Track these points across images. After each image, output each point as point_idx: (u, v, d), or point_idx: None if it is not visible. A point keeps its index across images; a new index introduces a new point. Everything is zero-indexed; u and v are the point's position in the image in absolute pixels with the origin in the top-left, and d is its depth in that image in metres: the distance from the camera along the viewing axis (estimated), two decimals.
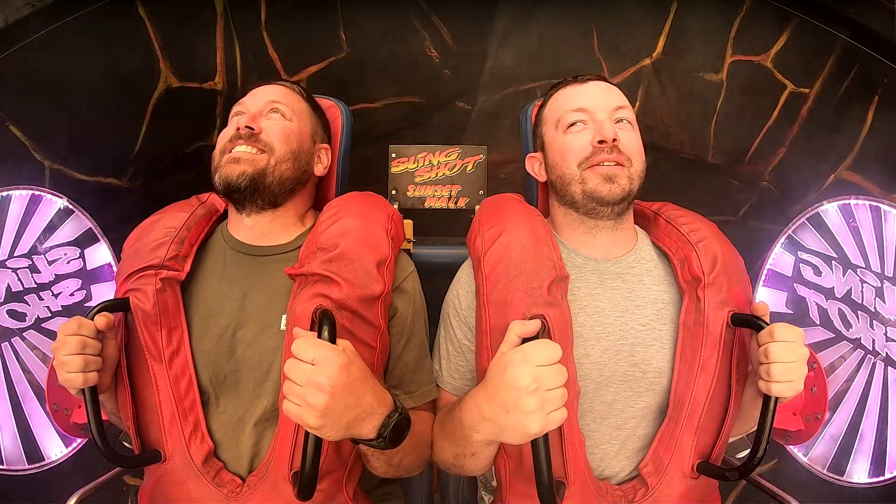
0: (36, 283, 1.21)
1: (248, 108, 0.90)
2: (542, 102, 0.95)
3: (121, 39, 1.37)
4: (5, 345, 1.21)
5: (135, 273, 0.82)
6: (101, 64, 1.34)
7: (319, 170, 0.96)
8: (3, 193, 1.21)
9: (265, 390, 0.81)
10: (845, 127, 1.43)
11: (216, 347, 0.82)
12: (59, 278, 1.23)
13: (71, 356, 0.73)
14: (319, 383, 0.62)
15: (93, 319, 0.75)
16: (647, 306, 0.83)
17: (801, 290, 1.27)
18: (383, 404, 0.68)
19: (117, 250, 1.25)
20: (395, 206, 1.26)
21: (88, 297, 1.25)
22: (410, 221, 1.14)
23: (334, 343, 0.66)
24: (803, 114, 1.51)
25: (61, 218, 1.24)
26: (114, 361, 0.80)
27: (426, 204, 1.29)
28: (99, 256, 1.27)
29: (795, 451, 1.23)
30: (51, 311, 1.23)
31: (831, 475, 1.21)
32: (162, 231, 0.86)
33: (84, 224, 1.26)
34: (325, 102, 1.04)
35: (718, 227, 0.90)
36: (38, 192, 1.23)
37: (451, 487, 1.14)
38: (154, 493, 0.82)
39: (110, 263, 1.28)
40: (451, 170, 1.28)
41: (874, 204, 1.21)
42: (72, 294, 1.24)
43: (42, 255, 1.21)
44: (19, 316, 1.21)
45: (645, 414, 0.82)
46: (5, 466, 1.19)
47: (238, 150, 0.85)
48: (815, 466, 1.22)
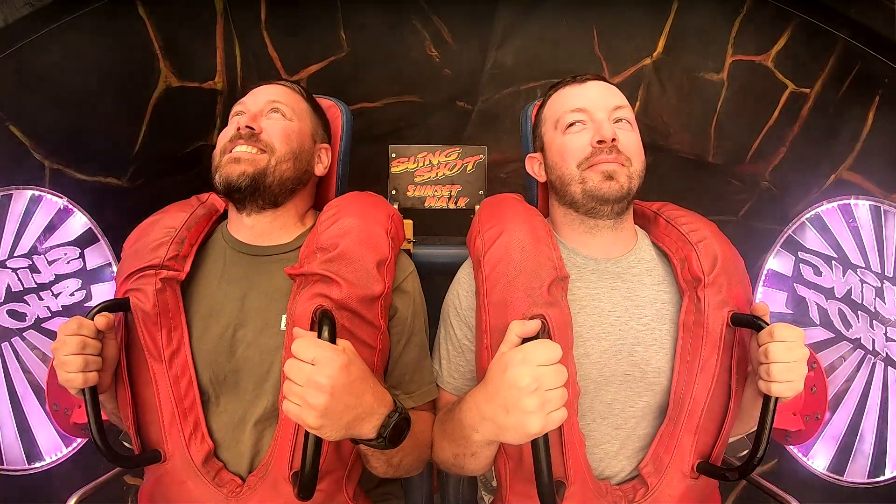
0: (36, 283, 1.21)
1: (249, 108, 0.90)
2: (542, 103, 0.95)
3: (121, 39, 1.36)
4: (5, 345, 1.21)
5: (135, 273, 0.82)
6: (101, 64, 1.33)
7: (320, 170, 0.96)
8: (3, 193, 1.21)
9: (265, 390, 0.81)
10: (846, 127, 1.43)
11: (216, 347, 0.82)
12: (59, 278, 1.23)
13: (71, 356, 0.73)
14: (319, 383, 0.62)
15: (93, 319, 0.75)
16: (646, 306, 0.83)
17: (801, 290, 1.27)
18: (383, 404, 0.69)
19: (117, 250, 1.25)
20: (395, 206, 1.26)
21: (88, 297, 1.25)
22: (410, 221, 1.14)
23: (334, 343, 0.66)
24: (804, 114, 1.51)
25: (61, 218, 1.24)
26: (114, 361, 0.80)
27: (426, 204, 1.29)
28: (99, 256, 1.27)
29: (795, 451, 1.23)
30: (51, 311, 1.23)
31: (831, 475, 1.20)
32: (162, 231, 0.86)
33: (84, 224, 1.26)
34: (325, 102, 1.04)
35: (718, 227, 0.90)
36: (38, 192, 1.23)
37: (451, 487, 1.14)
38: (154, 493, 0.82)
39: (110, 263, 1.28)
40: (451, 170, 1.28)
41: (874, 204, 1.21)
42: (72, 294, 1.24)
43: (42, 255, 1.21)
44: (19, 316, 1.21)
45: (645, 414, 0.82)
46: (5, 466, 1.19)
47: (238, 149, 0.85)
48: (815, 466, 1.22)
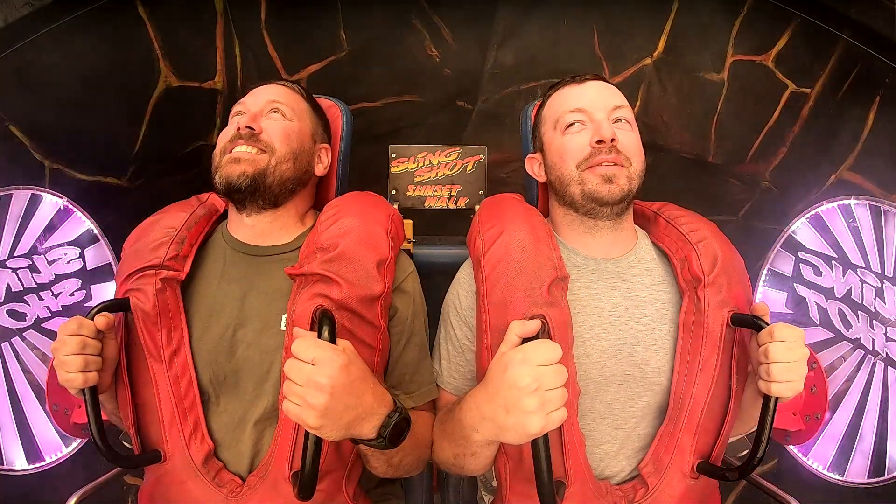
0: (36, 283, 1.21)
1: (249, 108, 0.90)
2: (541, 103, 0.95)
3: (121, 39, 1.36)
4: (5, 345, 1.21)
5: (135, 273, 0.82)
6: (101, 63, 1.33)
7: (320, 170, 0.96)
8: (3, 193, 1.21)
9: (265, 390, 0.81)
10: (846, 127, 1.43)
11: (216, 347, 0.82)
12: (59, 278, 1.23)
13: (71, 356, 0.73)
14: (319, 383, 0.62)
15: (93, 319, 0.75)
16: (646, 306, 0.83)
17: (801, 290, 1.27)
18: (383, 404, 0.68)
19: (117, 250, 1.25)
20: (395, 206, 1.26)
21: (88, 297, 1.25)
22: (410, 221, 1.14)
23: (334, 343, 0.66)
24: (804, 114, 1.51)
25: (61, 218, 1.24)
26: (114, 361, 0.80)
27: (426, 204, 1.29)
28: (99, 256, 1.27)
29: (795, 451, 1.23)
30: (51, 311, 1.23)
31: (831, 475, 1.20)
32: (162, 231, 0.86)
33: (84, 224, 1.26)
34: (325, 102, 1.04)
35: (719, 226, 0.90)
36: (38, 192, 1.23)
37: (451, 487, 1.14)
38: (154, 493, 0.82)
39: (110, 263, 1.28)
40: (451, 170, 1.28)
41: (874, 204, 1.21)
42: (72, 294, 1.24)
43: (42, 255, 1.21)
44: (19, 316, 1.21)
45: (645, 414, 0.82)
46: (5, 466, 1.19)
47: (238, 150, 0.85)
48: (815, 466, 1.22)
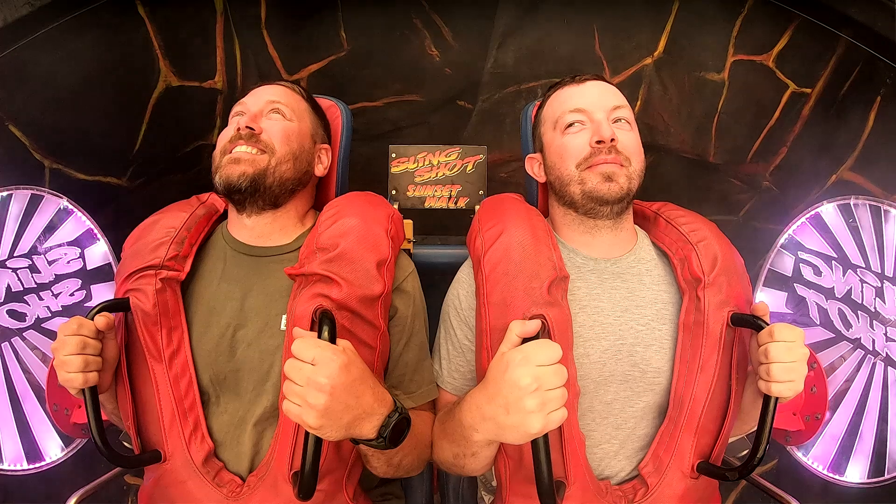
0: (36, 283, 1.21)
1: (249, 108, 0.90)
2: (541, 103, 0.95)
3: (121, 39, 1.36)
4: (5, 345, 1.21)
5: (135, 273, 0.82)
6: (100, 63, 1.33)
7: (320, 170, 0.96)
8: (3, 193, 1.21)
9: (265, 390, 0.81)
10: (847, 127, 1.43)
11: (216, 347, 0.82)
12: (59, 278, 1.23)
13: (71, 356, 0.73)
14: (319, 383, 0.62)
15: (93, 319, 0.75)
16: (646, 306, 0.83)
17: (801, 290, 1.27)
18: (383, 404, 0.68)
19: (117, 250, 1.25)
20: (395, 206, 1.26)
21: (88, 297, 1.25)
22: (410, 221, 1.14)
23: (334, 343, 0.66)
24: (805, 114, 1.51)
25: (61, 218, 1.24)
26: (114, 361, 0.80)
27: (426, 204, 1.29)
28: (99, 256, 1.27)
29: (795, 451, 1.23)
30: (51, 311, 1.23)
31: (831, 475, 1.20)
32: (162, 231, 0.86)
33: (84, 224, 1.26)
34: (324, 102, 1.04)
35: (719, 226, 0.90)
36: (38, 192, 1.23)
37: (451, 487, 1.14)
38: (154, 493, 0.82)
39: (110, 263, 1.28)
40: (451, 170, 1.28)
41: (874, 204, 1.20)
42: (72, 294, 1.24)
43: (42, 255, 1.21)
44: (19, 316, 1.21)
45: (644, 414, 0.82)
46: (5, 466, 1.19)
47: (238, 150, 0.85)
48: (815, 466, 1.22)
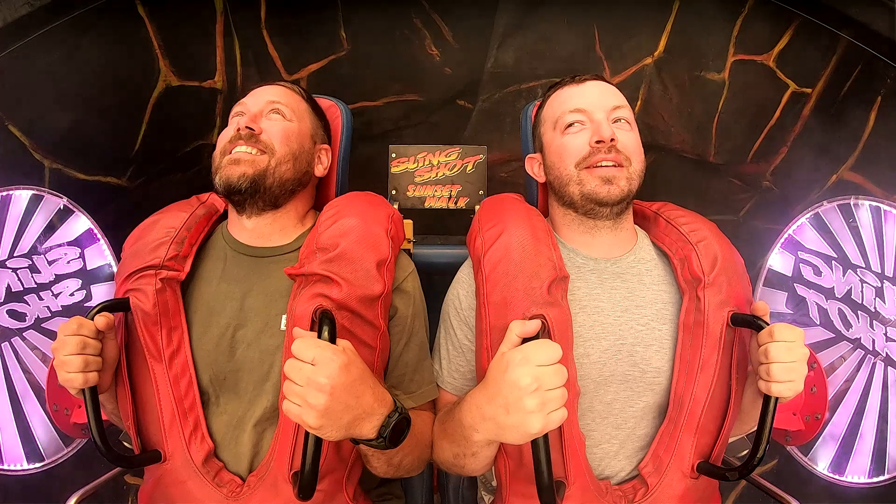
0: (36, 283, 1.21)
1: (249, 109, 0.90)
2: (541, 103, 0.95)
3: (121, 39, 1.36)
4: (5, 345, 1.21)
5: (135, 273, 0.82)
6: (100, 63, 1.33)
7: (320, 170, 0.96)
8: (3, 193, 1.21)
9: (265, 390, 0.81)
10: (847, 127, 1.43)
11: (216, 348, 0.82)
12: (59, 278, 1.23)
13: (71, 356, 0.73)
14: (319, 383, 0.62)
15: (93, 319, 0.75)
16: (646, 306, 0.83)
17: (801, 290, 1.27)
18: (383, 404, 0.68)
19: (117, 250, 1.25)
20: (395, 206, 1.26)
21: (88, 297, 1.25)
22: (410, 221, 1.14)
23: (334, 343, 0.66)
24: (805, 114, 1.51)
25: (61, 218, 1.24)
26: (114, 361, 0.80)
27: (426, 204, 1.29)
28: (99, 256, 1.27)
29: (795, 451, 1.23)
30: (51, 311, 1.23)
31: (831, 475, 1.20)
32: (162, 231, 0.86)
33: (84, 224, 1.26)
34: (324, 102, 1.04)
35: (719, 226, 0.90)
36: (38, 192, 1.23)
37: (451, 487, 1.14)
38: (154, 493, 0.82)
39: (110, 263, 1.28)
40: (451, 170, 1.28)
41: (874, 204, 1.20)
42: (72, 294, 1.24)
43: (42, 255, 1.21)
44: (19, 316, 1.21)
45: (644, 414, 0.82)
46: (5, 466, 1.19)
47: (238, 150, 0.85)
48: (815, 466, 1.22)
